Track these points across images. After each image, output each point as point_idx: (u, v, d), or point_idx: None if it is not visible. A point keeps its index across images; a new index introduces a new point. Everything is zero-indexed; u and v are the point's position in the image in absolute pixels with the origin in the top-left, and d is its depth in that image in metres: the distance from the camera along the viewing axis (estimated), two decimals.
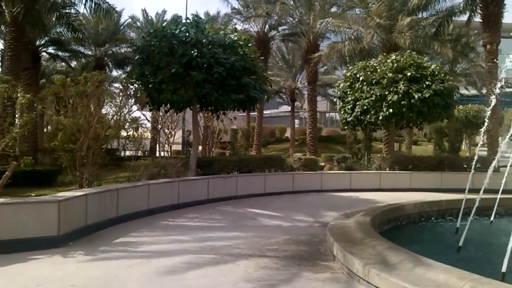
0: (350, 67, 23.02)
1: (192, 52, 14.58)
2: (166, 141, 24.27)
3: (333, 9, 32.09)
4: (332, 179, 19.72)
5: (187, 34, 14.99)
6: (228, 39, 15.46)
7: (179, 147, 32.87)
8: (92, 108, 13.01)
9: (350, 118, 20.93)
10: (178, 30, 15.17)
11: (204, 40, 14.93)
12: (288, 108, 53.84)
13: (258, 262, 7.72)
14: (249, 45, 16.31)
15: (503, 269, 6.73)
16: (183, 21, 16.27)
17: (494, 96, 12.68)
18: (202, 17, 33.54)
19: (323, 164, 24.56)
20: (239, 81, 15.02)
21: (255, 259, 7.89)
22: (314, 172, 20.05)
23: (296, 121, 61.86)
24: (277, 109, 75.60)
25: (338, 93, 22.29)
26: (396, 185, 19.58)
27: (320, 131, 51.56)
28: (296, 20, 32.58)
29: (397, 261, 6.44)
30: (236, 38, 15.69)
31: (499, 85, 11.35)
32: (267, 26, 34.80)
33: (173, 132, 24.79)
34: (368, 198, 16.72)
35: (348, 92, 21.23)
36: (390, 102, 19.09)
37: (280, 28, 35.81)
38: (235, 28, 18.29)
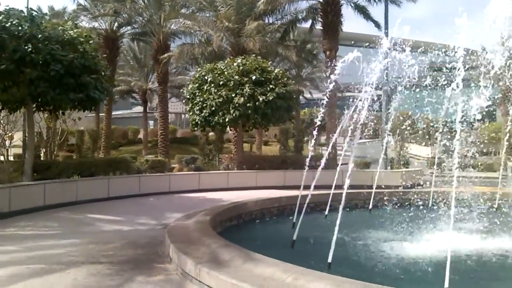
0: (199, 69, 23.21)
1: (26, 47, 13.47)
2: (3, 144, 22.21)
3: (184, 10, 31.97)
4: (181, 181, 19.67)
5: (20, 28, 13.81)
6: (67, 35, 14.58)
7: (21, 150, 30.30)
8: None
9: (199, 119, 21.06)
10: (9, 24, 13.90)
11: (39, 36, 13.87)
12: (142, 109, 52.71)
13: (90, 269, 7.38)
14: (90, 42, 15.54)
15: (329, 260, 7.21)
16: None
17: (328, 97, 13.66)
18: (47, 12, 31.68)
19: (176, 165, 24.45)
20: (79, 80, 14.23)
21: (87, 266, 7.53)
22: (162, 174, 19.83)
23: (151, 122, 60.91)
24: (130, 110, 73.77)
25: (187, 94, 22.31)
26: (244, 184, 20.14)
27: (175, 132, 51.33)
28: (146, 19, 31.95)
29: (228, 258, 6.58)
30: (76, 35, 14.86)
31: (330, 86, 12.21)
32: (116, 24, 33.60)
33: (10, 134, 22.76)
34: (215, 197, 16.94)
35: (197, 94, 21.34)
36: (236, 104, 19.56)
37: (129, 27, 34.81)
38: (76, 24, 17.29)
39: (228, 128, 23.81)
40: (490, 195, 12.21)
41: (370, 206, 14.29)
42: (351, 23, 29.30)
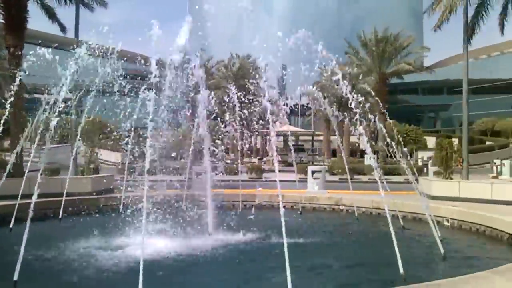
0: None
1: None
2: None
3: None
4: None
5: None
6: None
7: None
8: None
9: None
10: None
11: None
12: None
13: None
14: None
15: (15, 278, 6.65)
16: None
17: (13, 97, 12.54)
18: None
19: None
20: None
21: None
22: None
23: None
24: None
25: None
26: None
27: None
28: None
29: None
30: None
31: (15, 86, 11.27)
32: None
33: None
34: None
35: None
36: None
37: None
38: None
39: None
40: (178, 196, 13.05)
41: (61, 215, 13.73)
42: (43, 21, 27.42)
